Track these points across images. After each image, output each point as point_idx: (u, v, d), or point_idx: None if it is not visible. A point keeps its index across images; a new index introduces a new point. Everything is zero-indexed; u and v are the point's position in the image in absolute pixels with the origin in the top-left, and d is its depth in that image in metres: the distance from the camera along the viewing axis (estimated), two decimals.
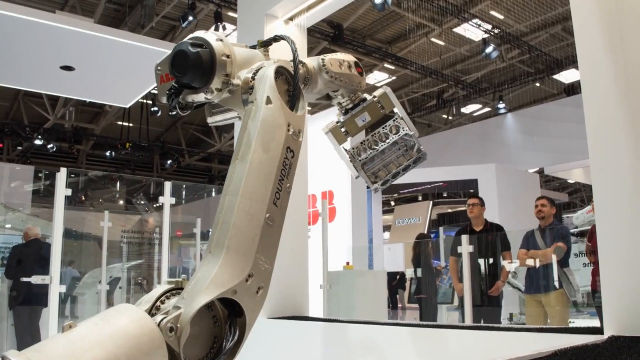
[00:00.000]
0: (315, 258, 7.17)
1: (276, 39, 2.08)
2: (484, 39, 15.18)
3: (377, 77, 19.75)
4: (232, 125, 2.65)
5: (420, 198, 22.10)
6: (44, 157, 21.55)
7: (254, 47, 2.09)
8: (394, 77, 19.72)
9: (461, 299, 5.96)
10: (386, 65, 18.52)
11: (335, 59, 2.26)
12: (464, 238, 5.29)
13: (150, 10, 15.57)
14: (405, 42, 17.32)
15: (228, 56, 1.89)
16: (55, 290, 4.40)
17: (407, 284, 10.78)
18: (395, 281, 15.00)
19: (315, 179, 10.26)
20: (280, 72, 1.93)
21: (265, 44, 2.09)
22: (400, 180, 2.41)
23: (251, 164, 1.74)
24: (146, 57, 7.52)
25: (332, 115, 2.41)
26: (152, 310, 1.59)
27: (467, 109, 22.34)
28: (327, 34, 15.65)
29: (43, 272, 5.03)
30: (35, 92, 17.25)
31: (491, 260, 6.38)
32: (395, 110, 2.30)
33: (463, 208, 18.92)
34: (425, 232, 17.65)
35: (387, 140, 2.28)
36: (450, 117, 22.13)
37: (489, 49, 14.76)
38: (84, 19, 8.20)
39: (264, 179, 1.75)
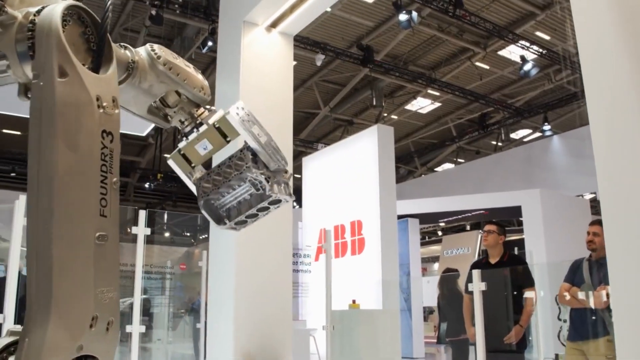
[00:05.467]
0: (335, 295, 6.60)
1: None
2: (521, 57, 14.50)
3: (421, 104, 19.22)
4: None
5: (468, 227, 21.28)
6: None
7: None
8: (439, 104, 19.18)
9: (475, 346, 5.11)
10: (430, 91, 18.01)
11: (168, 50, 1.76)
12: (475, 274, 4.55)
13: (189, 43, 15.59)
14: (448, 67, 16.82)
15: None
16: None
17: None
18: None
19: (344, 209, 9.78)
20: (70, 14, 1.35)
21: None
22: (440, 208, 1.91)
23: (57, 173, 1.23)
24: None
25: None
26: None
27: (517, 134, 21.52)
28: (356, 57, 15.26)
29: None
30: None
31: (510, 299, 5.49)
32: (246, 139, 1.74)
33: (515, 237, 18.08)
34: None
35: (228, 178, 1.78)
36: (499, 144, 21.35)
37: (528, 67, 14.07)
38: None
39: (80, 188, 1.28)
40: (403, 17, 11.71)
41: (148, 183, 20.45)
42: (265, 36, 3.97)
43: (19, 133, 18.71)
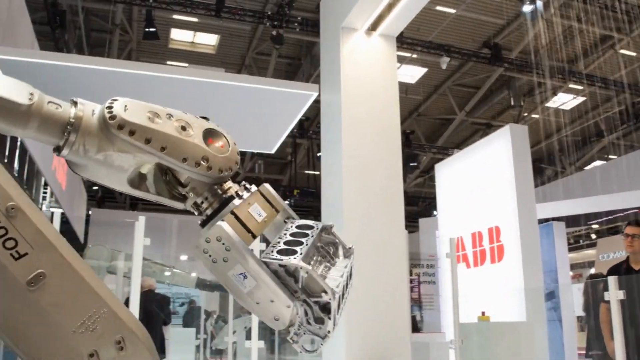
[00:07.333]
0: (473, 306, 6.26)
1: None
2: None
3: (563, 99, 18.16)
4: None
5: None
6: None
7: None
8: (583, 98, 18.04)
9: None
10: (571, 85, 16.99)
11: (139, 103, 1.27)
12: (611, 280, 4.01)
13: (317, 61, 15.89)
14: (589, 58, 15.79)
15: None
16: None
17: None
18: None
19: (480, 215, 9.37)
20: None
21: None
22: (586, 209, 1.56)
23: None
24: (281, 100, 7.32)
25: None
26: None
27: None
28: (482, 56, 14.72)
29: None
30: None
31: None
32: (287, 210, 1.50)
33: None
34: None
35: (311, 234, 1.42)
36: None
37: None
38: (215, 69, 8.26)
39: None
40: (527, 8, 11.19)
41: (287, 200, 21.01)
42: (366, 40, 3.84)
43: None
